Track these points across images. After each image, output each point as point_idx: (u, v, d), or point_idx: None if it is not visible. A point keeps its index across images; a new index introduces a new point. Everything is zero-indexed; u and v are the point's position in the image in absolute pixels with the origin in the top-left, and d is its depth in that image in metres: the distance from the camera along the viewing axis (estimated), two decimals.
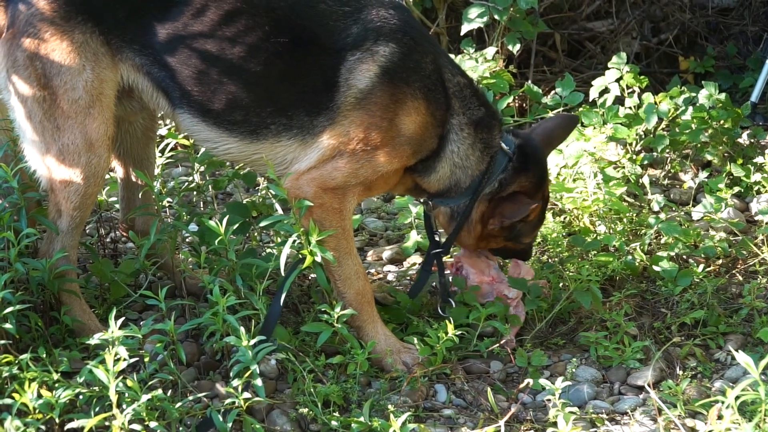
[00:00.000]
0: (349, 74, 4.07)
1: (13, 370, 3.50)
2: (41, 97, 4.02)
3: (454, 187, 4.31)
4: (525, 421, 3.91)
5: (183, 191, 4.87)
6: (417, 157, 4.21)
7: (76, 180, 4.05)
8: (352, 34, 4.09)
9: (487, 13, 6.23)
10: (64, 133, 4.03)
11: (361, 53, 4.07)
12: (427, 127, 4.17)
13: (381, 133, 4.08)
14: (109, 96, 4.09)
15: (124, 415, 3.32)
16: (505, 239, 4.48)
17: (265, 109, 4.11)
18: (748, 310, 4.61)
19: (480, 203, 4.35)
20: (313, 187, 4.08)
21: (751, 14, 7.92)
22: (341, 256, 4.15)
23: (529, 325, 4.57)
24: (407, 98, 4.11)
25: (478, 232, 4.42)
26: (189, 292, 4.51)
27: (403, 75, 4.11)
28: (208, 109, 4.12)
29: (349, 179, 4.10)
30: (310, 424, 3.80)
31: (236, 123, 4.13)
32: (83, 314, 4.17)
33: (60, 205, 4.10)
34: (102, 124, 4.06)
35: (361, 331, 4.20)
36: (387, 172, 4.17)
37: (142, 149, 4.56)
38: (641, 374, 4.20)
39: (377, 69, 4.07)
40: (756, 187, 5.84)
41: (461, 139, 4.24)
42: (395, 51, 4.09)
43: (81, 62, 4.02)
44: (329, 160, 4.09)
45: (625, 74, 5.95)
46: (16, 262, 3.93)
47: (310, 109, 4.09)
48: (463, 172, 4.28)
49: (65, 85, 4.00)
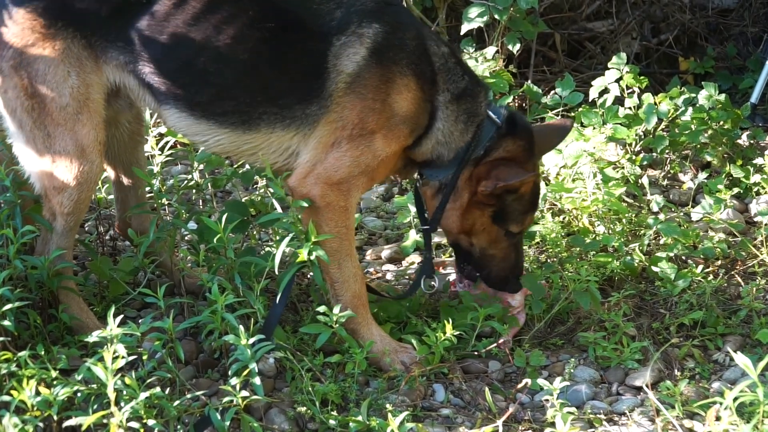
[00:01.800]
0: (336, 60, 4.05)
1: (12, 367, 3.50)
2: (29, 106, 4.00)
3: (437, 160, 4.27)
4: (523, 421, 3.91)
5: (182, 189, 4.86)
6: (414, 135, 4.19)
7: (68, 186, 4.05)
8: (337, 18, 4.08)
9: (487, 13, 6.23)
10: (55, 141, 4.02)
11: (347, 37, 4.06)
12: (419, 103, 4.15)
13: (375, 115, 4.06)
14: (97, 101, 4.07)
15: (122, 413, 3.32)
16: (491, 217, 4.32)
17: (255, 99, 4.08)
18: (747, 312, 4.61)
19: (465, 170, 4.28)
20: (320, 185, 4.06)
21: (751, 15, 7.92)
22: (342, 258, 4.14)
23: (528, 325, 4.57)
24: (396, 77, 4.09)
25: (465, 201, 4.30)
26: (188, 290, 4.51)
27: (390, 54, 4.09)
28: (195, 102, 4.08)
29: (353, 170, 4.08)
30: (308, 423, 3.80)
31: (226, 114, 4.09)
32: (81, 312, 4.17)
33: (54, 210, 4.10)
34: (92, 129, 4.05)
35: (357, 333, 4.18)
36: (387, 156, 4.15)
37: (131, 153, 4.55)
38: (639, 375, 4.20)
39: (365, 51, 4.05)
40: (755, 188, 5.84)
41: (446, 116, 4.21)
42: (379, 31, 4.08)
43: (65, 68, 3.99)
44: (330, 152, 4.07)
45: (624, 74, 5.95)
46: (15, 259, 3.93)
47: (301, 97, 4.07)
48: (444, 147, 4.24)
49: (52, 93, 3.98)
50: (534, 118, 6.13)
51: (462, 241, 4.43)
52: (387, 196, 6.09)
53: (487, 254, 4.41)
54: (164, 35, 4.02)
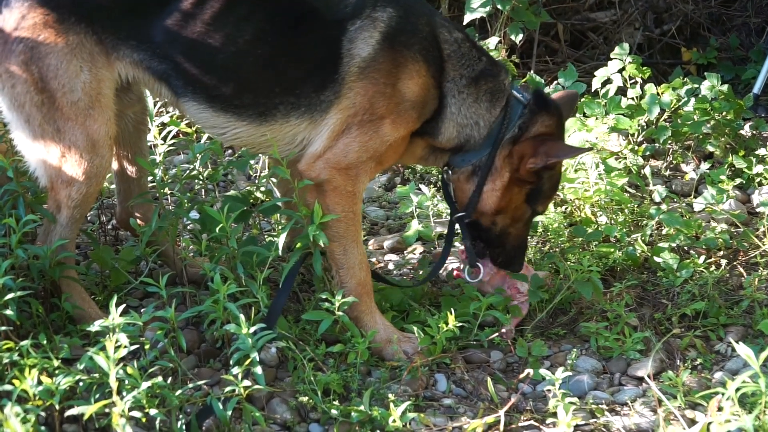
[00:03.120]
0: (350, 44, 4.07)
1: (14, 356, 3.50)
2: (39, 101, 3.99)
3: (467, 143, 4.30)
4: (525, 411, 3.91)
5: (184, 179, 4.86)
6: (421, 120, 4.21)
7: (78, 180, 4.04)
8: (351, 3, 4.11)
9: (489, 3, 6.22)
10: (65, 135, 4.01)
11: (362, 21, 4.08)
12: (429, 89, 4.18)
13: (386, 99, 4.09)
14: (108, 95, 4.07)
15: (124, 402, 3.32)
16: (527, 196, 4.36)
17: (273, 90, 4.11)
18: (749, 302, 4.60)
19: (503, 149, 4.30)
20: (328, 169, 4.10)
21: (753, 6, 7.91)
22: (348, 243, 4.17)
23: (530, 315, 4.57)
24: (408, 62, 4.12)
25: (505, 180, 4.31)
26: (190, 279, 4.51)
27: (403, 38, 4.12)
28: (214, 96, 4.11)
29: (361, 155, 4.10)
30: (310, 413, 3.80)
31: (244, 106, 4.12)
32: (83, 301, 4.17)
33: (60, 202, 4.09)
34: (103, 124, 4.04)
35: (360, 322, 4.20)
36: (395, 141, 4.17)
37: (134, 143, 4.56)
38: (641, 365, 4.20)
39: (378, 35, 4.08)
40: (758, 179, 5.84)
41: (462, 99, 4.23)
42: (393, 15, 4.11)
43: (78, 64, 3.99)
44: (340, 137, 4.10)
45: (627, 65, 5.95)
46: (17, 249, 3.93)
47: (317, 84, 4.09)
48: (473, 129, 4.27)
49: (63, 88, 3.98)
50: None
51: (485, 220, 4.44)
52: (389, 186, 6.09)
53: (506, 232, 4.45)
54: (184, 34, 4.04)
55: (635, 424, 3.79)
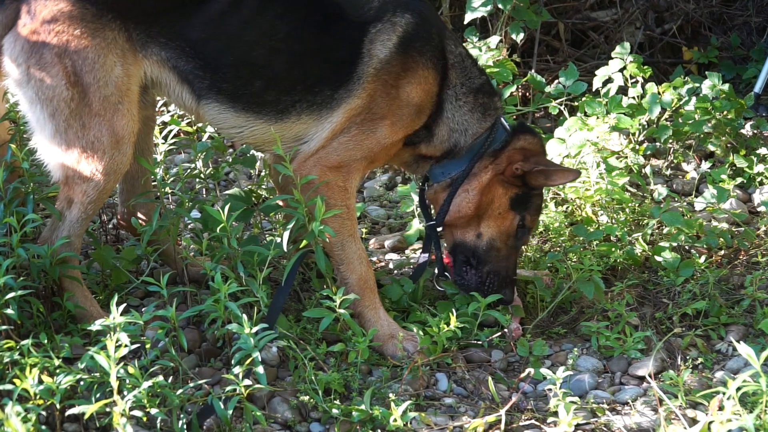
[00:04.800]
0: (371, 45, 4.18)
1: (15, 355, 3.50)
2: (69, 95, 4.00)
3: (453, 149, 4.39)
4: (526, 410, 3.91)
5: (185, 178, 4.86)
6: (417, 124, 4.31)
7: (96, 176, 4.05)
8: (374, 7, 4.21)
9: (491, 2, 6.22)
10: (90, 131, 4.02)
11: (383, 24, 4.19)
12: (431, 96, 4.29)
13: (389, 101, 4.19)
14: (135, 92, 4.11)
15: (125, 402, 3.32)
16: (512, 201, 4.40)
17: (295, 87, 4.19)
18: (750, 301, 4.60)
19: (483, 160, 4.39)
20: (319, 167, 4.17)
21: (755, 5, 7.90)
22: (344, 238, 4.21)
23: (531, 314, 4.57)
24: (419, 67, 4.24)
25: (484, 181, 4.37)
26: (191, 278, 4.52)
27: (418, 45, 4.24)
28: (239, 95, 4.17)
29: (354, 153, 4.19)
30: (311, 412, 3.80)
31: (266, 104, 4.19)
32: (84, 300, 4.17)
33: (73, 198, 4.08)
34: (130, 120, 4.08)
35: (363, 317, 4.21)
36: (391, 143, 4.26)
37: (142, 139, 4.56)
38: (642, 364, 4.20)
39: (396, 39, 4.19)
40: (759, 178, 5.84)
41: (459, 106, 4.35)
42: (411, 21, 4.23)
43: (113, 59, 4.02)
44: (337, 136, 4.18)
45: (628, 64, 5.94)
46: (18, 248, 3.93)
47: (335, 83, 4.18)
48: (461, 135, 4.38)
49: (98, 82, 4.00)
50: (537, 108, 6.14)
51: (468, 236, 4.43)
52: (390, 185, 6.09)
53: (494, 247, 4.41)
54: (219, 33, 4.11)
55: (636, 424, 3.79)
